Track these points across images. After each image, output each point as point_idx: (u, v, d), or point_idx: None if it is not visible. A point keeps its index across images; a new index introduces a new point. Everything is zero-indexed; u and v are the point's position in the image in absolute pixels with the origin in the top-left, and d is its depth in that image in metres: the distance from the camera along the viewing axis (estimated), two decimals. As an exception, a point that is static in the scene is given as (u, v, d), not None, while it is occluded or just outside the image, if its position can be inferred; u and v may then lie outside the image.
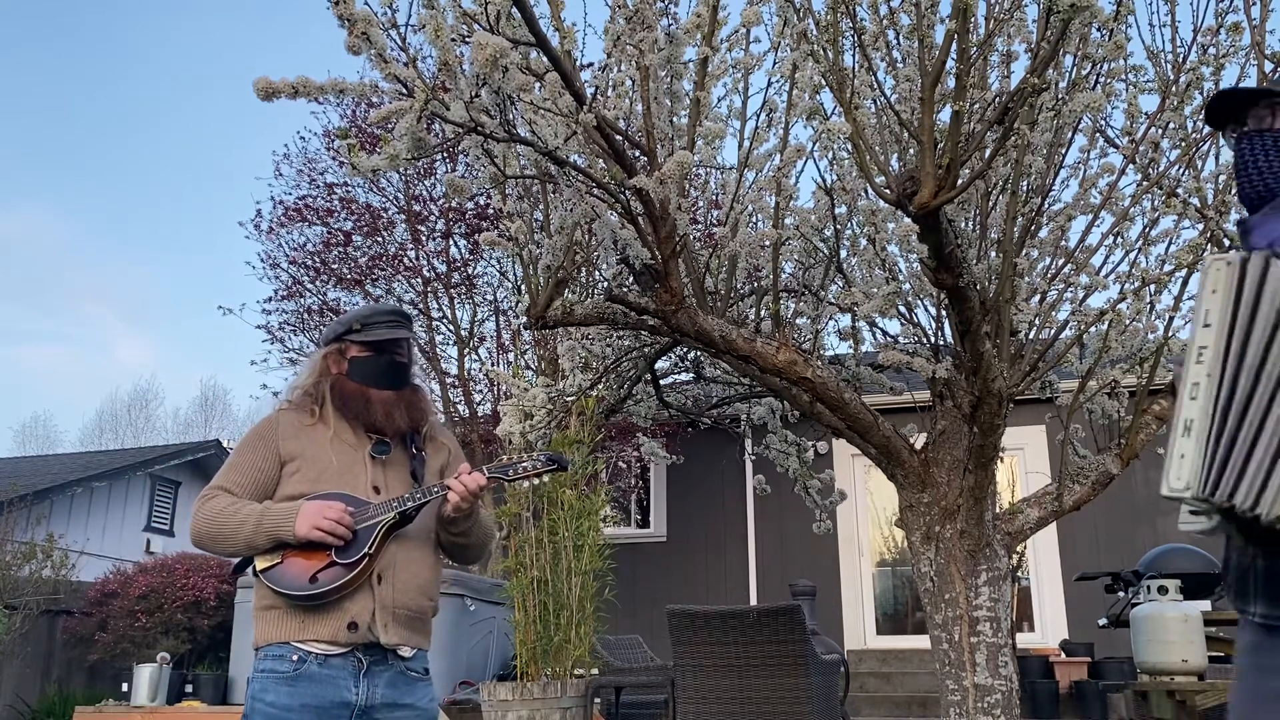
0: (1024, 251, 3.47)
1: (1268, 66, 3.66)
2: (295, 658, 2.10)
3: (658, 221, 3.03)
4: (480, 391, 10.16)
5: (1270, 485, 1.47)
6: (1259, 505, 1.47)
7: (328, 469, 2.23)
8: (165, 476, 14.02)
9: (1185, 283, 3.68)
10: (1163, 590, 4.84)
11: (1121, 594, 6.23)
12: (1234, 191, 3.72)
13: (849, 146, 3.45)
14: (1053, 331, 3.96)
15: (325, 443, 2.26)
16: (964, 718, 3.35)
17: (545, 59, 2.61)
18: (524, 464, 2.34)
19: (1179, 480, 1.54)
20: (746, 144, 3.53)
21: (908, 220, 2.94)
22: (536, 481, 2.35)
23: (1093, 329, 3.56)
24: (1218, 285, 1.55)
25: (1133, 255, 3.76)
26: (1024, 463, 9.46)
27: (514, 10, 2.48)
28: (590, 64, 3.64)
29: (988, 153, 2.86)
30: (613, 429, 9.13)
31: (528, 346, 9.44)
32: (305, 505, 2.14)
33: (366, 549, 2.14)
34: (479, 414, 9.80)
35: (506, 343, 10.14)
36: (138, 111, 45.48)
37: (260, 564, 2.15)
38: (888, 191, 2.89)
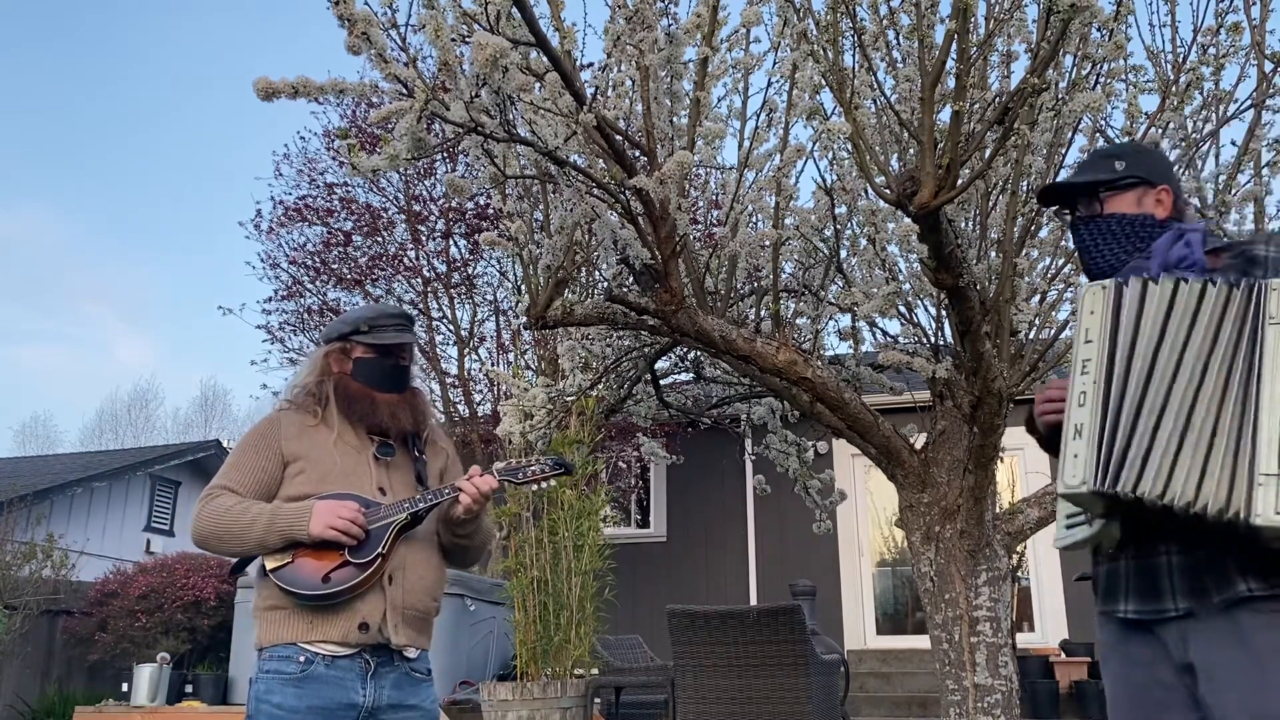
0: (1024, 251, 3.47)
1: (1268, 66, 3.67)
2: (302, 659, 2.08)
3: (658, 221, 3.03)
4: (480, 391, 10.17)
5: (1175, 476, 1.61)
6: (1166, 493, 1.60)
7: (332, 470, 2.22)
8: (165, 476, 14.02)
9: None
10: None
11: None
12: (1234, 193, 3.73)
13: (849, 146, 3.45)
14: (1053, 331, 3.96)
15: (329, 444, 2.25)
16: (964, 718, 3.35)
17: (545, 59, 2.61)
18: (532, 467, 2.33)
19: (1074, 478, 1.69)
20: (746, 144, 3.53)
21: (908, 220, 2.94)
22: (544, 485, 2.34)
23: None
24: (1095, 306, 1.74)
25: (1133, 255, 3.75)
26: (1024, 463, 9.46)
27: (514, 10, 2.48)
28: (590, 64, 3.64)
29: (988, 153, 2.86)
30: (613, 429, 9.12)
31: (528, 346, 9.44)
32: (318, 504, 2.13)
33: (380, 549, 2.13)
34: (479, 414, 9.79)
35: (506, 343, 10.14)
36: (138, 111, 45.52)
37: (270, 564, 2.12)
38: (888, 191, 2.89)
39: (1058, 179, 3.09)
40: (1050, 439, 1.93)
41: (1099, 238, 1.94)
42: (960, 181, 2.76)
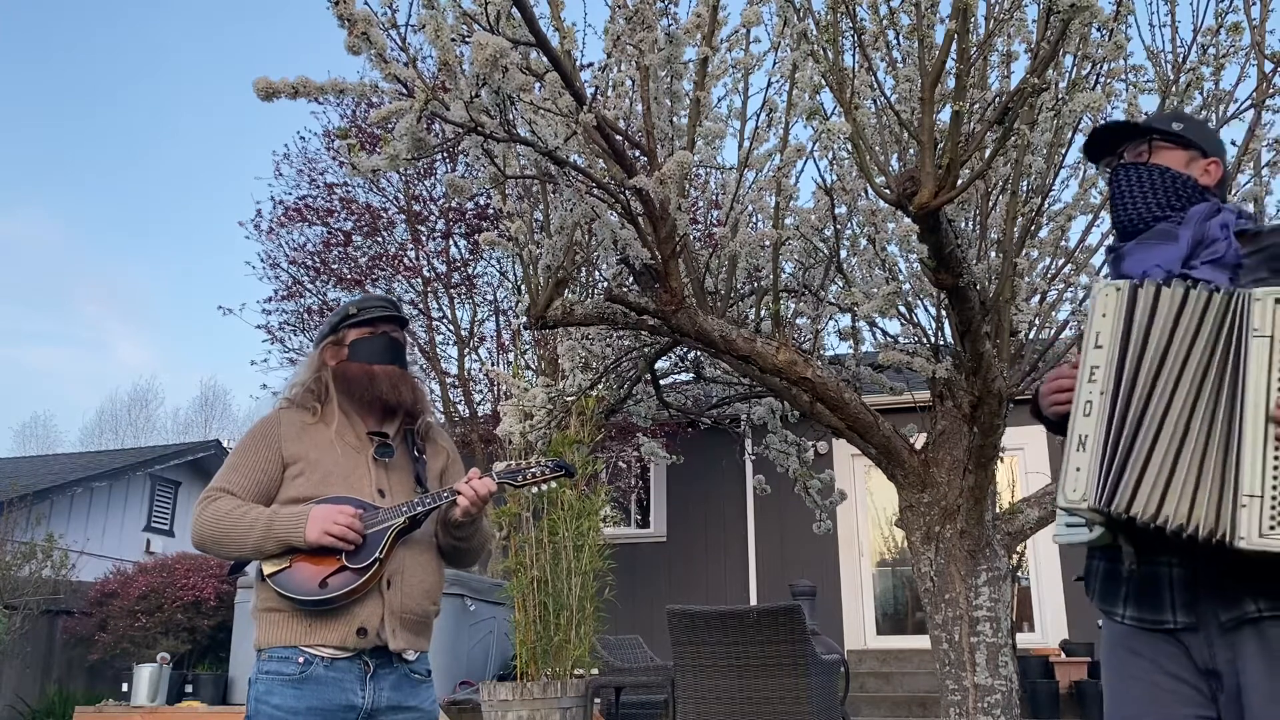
0: (1024, 251, 3.47)
1: (1268, 66, 3.66)
2: (301, 660, 2.08)
3: (658, 221, 3.03)
4: (480, 391, 10.16)
5: (1169, 497, 1.57)
6: (1159, 515, 1.56)
7: (332, 472, 2.21)
8: (165, 476, 14.01)
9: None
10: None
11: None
12: (1234, 193, 3.73)
13: (849, 146, 3.45)
14: (1053, 331, 3.96)
15: (328, 444, 2.24)
16: (964, 718, 3.35)
17: (545, 59, 2.61)
18: (532, 470, 2.33)
19: (1075, 492, 1.65)
20: (746, 144, 3.53)
21: (908, 220, 2.94)
22: (544, 487, 2.34)
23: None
24: (1108, 309, 1.67)
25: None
26: (1024, 463, 9.46)
27: (514, 10, 2.48)
28: (590, 64, 3.64)
29: (988, 153, 2.86)
30: (613, 429, 9.12)
31: (528, 346, 9.43)
32: (315, 509, 2.12)
33: (377, 554, 2.12)
34: (479, 414, 9.79)
35: (506, 343, 10.14)
36: (138, 111, 45.51)
37: (268, 568, 2.12)
38: (888, 191, 2.89)
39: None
40: (1060, 425, 1.88)
41: (1139, 184, 1.87)
42: (960, 181, 2.75)
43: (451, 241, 10.02)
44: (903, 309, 3.91)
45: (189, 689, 8.31)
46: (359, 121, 9.65)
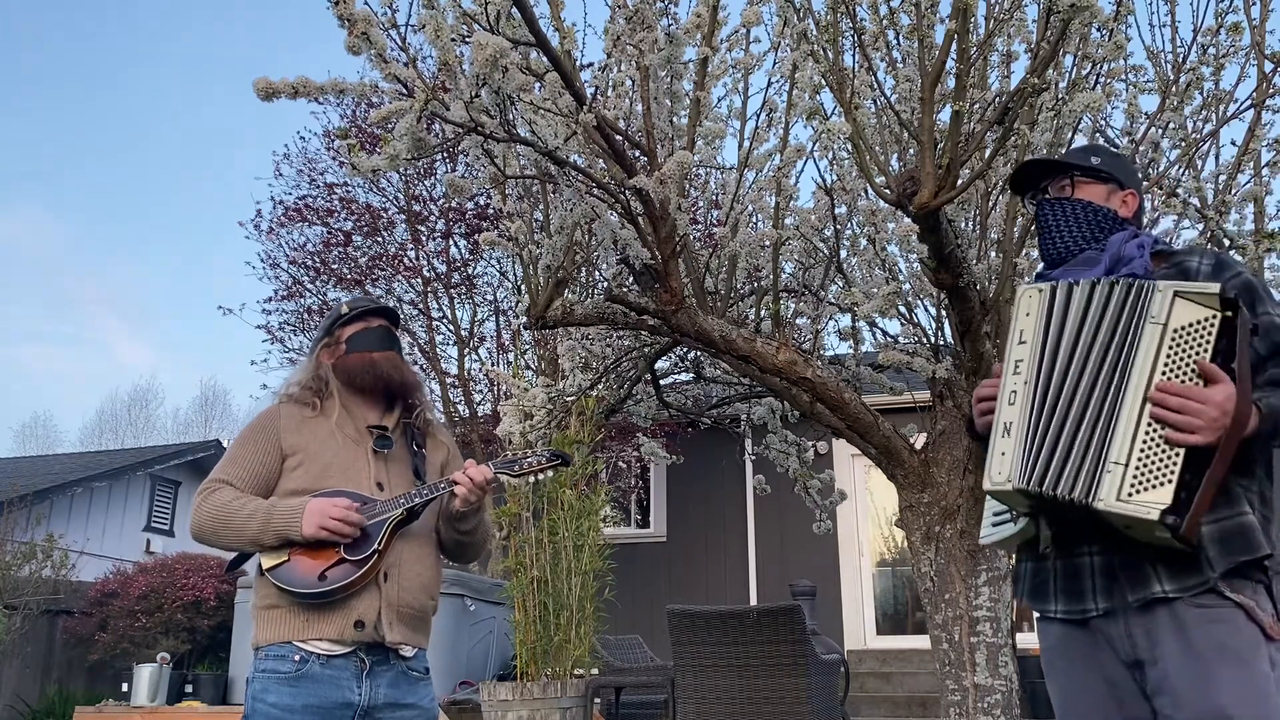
0: (1024, 251, 3.47)
1: (1268, 66, 3.66)
2: (297, 658, 2.08)
3: (658, 221, 3.03)
4: (480, 391, 10.16)
5: (1066, 469, 1.68)
6: (1092, 494, 1.65)
7: (331, 465, 2.22)
8: (165, 476, 14.02)
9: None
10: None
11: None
12: (1234, 193, 3.73)
13: (849, 146, 3.45)
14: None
15: (327, 436, 2.25)
16: (964, 718, 3.35)
17: (545, 59, 2.61)
18: (529, 459, 2.34)
19: (1000, 474, 1.75)
20: (746, 144, 3.53)
21: (908, 220, 2.94)
22: (541, 477, 2.35)
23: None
24: (1031, 309, 1.82)
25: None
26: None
27: (514, 10, 2.48)
28: (590, 64, 3.64)
29: (988, 153, 2.86)
30: (613, 429, 9.12)
31: (528, 346, 9.43)
32: (311, 503, 2.12)
33: (376, 546, 2.13)
34: (479, 414, 9.79)
35: (506, 343, 10.14)
36: (139, 111, 45.51)
37: (266, 562, 2.12)
38: (888, 191, 2.89)
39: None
40: (986, 438, 1.96)
41: (1064, 219, 1.99)
42: (960, 181, 2.75)
43: (451, 241, 10.02)
44: (903, 309, 3.91)
45: (189, 689, 8.31)
46: (359, 121, 9.65)
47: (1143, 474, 1.62)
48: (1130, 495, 1.61)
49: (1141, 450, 1.63)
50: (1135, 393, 1.66)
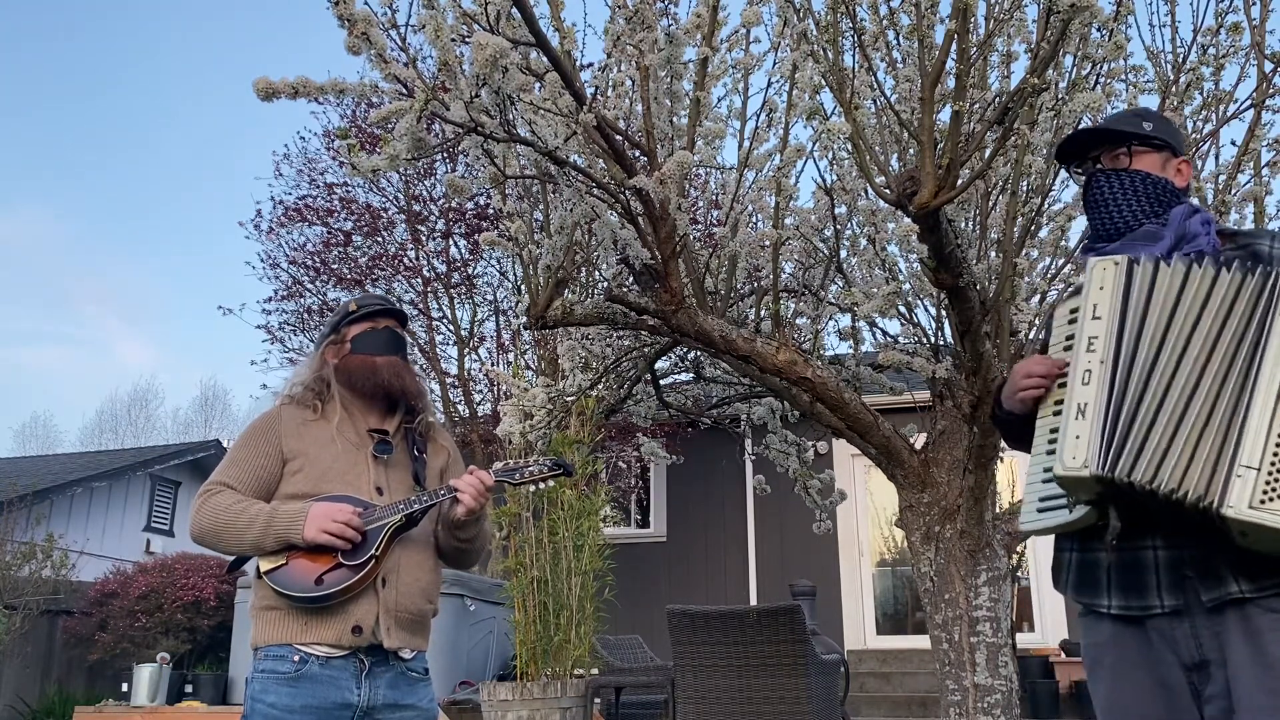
0: (1024, 251, 3.47)
1: (1268, 66, 3.66)
2: (296, 659, 2.08)
3: (658, 221, 3.03)
4: (480, 391, 10.17)
5: (1165, 463, 1.57)
6: (1155, 480, 1.56)
7: (331, 469, 2.21)
8: (165, 476, 14.01)
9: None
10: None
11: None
12: (1234, 193, 3.73)
13: (849, 146, 3.45)
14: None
15: (328, 440, 2.24)
16: (964, 718, 3.35)
17: (545, 59, 2.61)
18: (530, 468, 2.33)
19: (1075, 459, 1.63)
20: (746, 144, 3.53)
21: (908, 220, 2.94)
22: (542, 485, 2.34)
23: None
24: (1105, 282, 1.70)
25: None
26: (1024, 462, 9.45)
27: (514, 10, 2.48)
28: (590, 64, 3.64)
29: (988, 153, 2.86)
30: (613, 429, 9.12)
31: (528, 346, 9.44)
32: (313, 508, 2.12)
33: (373, 551, 2.12)
34: (479, 414, 9.80)
35: (506, 343, 10.14)
36: (138, 111, 45.50)
37: (264, 565, 2.12)
38: (888, 191, 2.89)
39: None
40: (1024, 419, 1.86)
41: (1121, 191, 1.87)
42: (960, 181, 2.75)
43: (451, 241, 10.03)
44: (903, 309, 3.91)
45: (189, 689, 8.31)
46: (359, 121, 9.65)
47: (1277, 481, 1.50)
48: (1264, 503, 1.49)
49: (1275, 454, 1.51)
50: (1269, 390, 1.54)
